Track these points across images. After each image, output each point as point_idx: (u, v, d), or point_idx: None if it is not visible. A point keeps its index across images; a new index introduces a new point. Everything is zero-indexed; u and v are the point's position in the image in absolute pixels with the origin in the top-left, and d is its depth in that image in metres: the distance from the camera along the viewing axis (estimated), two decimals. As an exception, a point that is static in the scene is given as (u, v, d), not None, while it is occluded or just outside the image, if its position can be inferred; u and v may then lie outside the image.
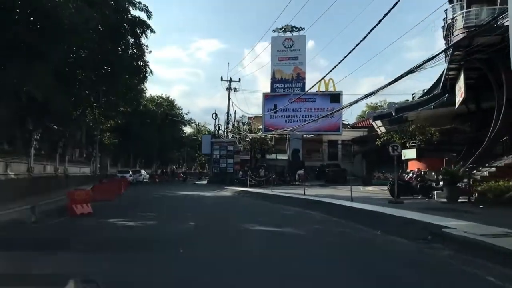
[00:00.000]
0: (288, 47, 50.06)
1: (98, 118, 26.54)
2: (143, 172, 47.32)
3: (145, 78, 23.44)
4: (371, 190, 26.46)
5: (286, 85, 47.56)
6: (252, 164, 46.96)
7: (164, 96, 56.39)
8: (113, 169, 47.95)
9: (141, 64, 22.20)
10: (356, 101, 26.60)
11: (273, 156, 48.54)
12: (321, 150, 49.14)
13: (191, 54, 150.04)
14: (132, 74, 22.34)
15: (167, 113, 48.49)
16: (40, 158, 25.31)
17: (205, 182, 47.91)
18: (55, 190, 21.98)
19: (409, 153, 31.25)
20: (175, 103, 57.71)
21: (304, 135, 47.31)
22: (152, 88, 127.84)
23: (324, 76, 45.58)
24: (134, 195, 25.39)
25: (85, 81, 21.39)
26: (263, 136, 46.92)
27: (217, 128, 46.68)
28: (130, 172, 39.66)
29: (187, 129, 78.38)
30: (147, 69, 22.44)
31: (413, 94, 34.41)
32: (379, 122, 31.97)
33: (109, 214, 14.14)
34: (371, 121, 34.59)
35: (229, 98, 45.55)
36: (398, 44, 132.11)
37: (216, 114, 46.34)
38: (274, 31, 47.94)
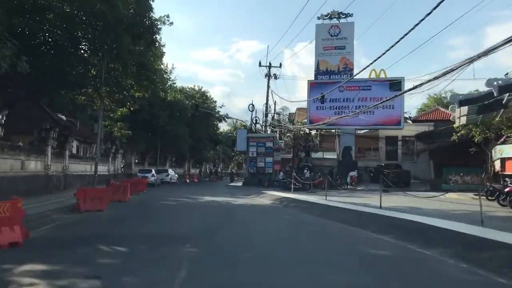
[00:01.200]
0: (334, 35, 43.69)
1: (102, 101, 20.73)
2: (170, 171, 41.81)
3: (153, 42, 17.49)
4: (458, 198, 19.34)
5: (332, 77, 41.17)
6: (295, 163, 40.26)
7: (196, 87, 50.94)
8: (139, 168, 42.80)
9: (147, 22, 16.23)
10: (421, 84, 19.64)
11: (319, 154, 41.59)
12: (376, 148, 41.59)
13: (231, 55, 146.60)
14: (134, 35, 16.41)
15: (197, 104, 42.67)
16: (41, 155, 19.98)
17: (240, 183, 41.73)
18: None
19: (509, 150, 23.82)
20: (208, 95, 52.02)
21: (357, 130, 40.02)
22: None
23: (375, 60, 38.33)
24: (143, 200, 19.54)
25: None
26: (307, 131, 40.10)
27: (254, 121, 40.37)
28: (153, 172, 34.11)
29: (224, 127, 72.83)
30: (156, 29, 16.43)
31: (506, 73, 26.42)
32: (464, 109, 24.26)
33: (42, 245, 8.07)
34: (452, 109, 26.84)
35: (268, 86, 39.13)
36: (442, 42, 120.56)
37: (253, 105, 40.15)
38: (318, 18, 41.79)
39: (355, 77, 37.36)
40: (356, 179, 35.21)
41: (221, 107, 52.53)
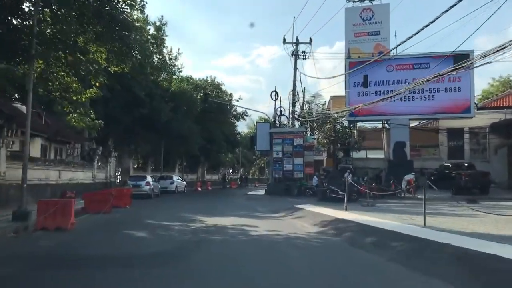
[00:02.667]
0: (366, 19, 37.06)
1: (32, 63, 12.59)
2: (176, 178, 33.93)
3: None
4: None
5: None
6: (329, 166, 31.86)
7: (208, 78, 43.08)
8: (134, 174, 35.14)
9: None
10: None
11: (360, 154, 32.96)
12: (435, 145, 32.70)
13: (252, 61, 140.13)
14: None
15: (206, 92, 34.66)
16: None
17: (262, 191, 33.49)
18: None
19: None
20: (223, 88, 44.11)
21: (412, 121, 31.26)
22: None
23: (420, 30, 29.89)
24: (97, 226, 11.62)
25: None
26: (345, 124, 31.64)
27: (278, 113, 32.09)
28: (149, 179, 26.22)
29: (242, 127, 64.77)
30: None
31: None
32: None
33: None
34: None
35: (295, 68, 30.82)
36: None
37: (276, 92, 31.84)
38: (348, 0, 34.86)
39: (408, 53, 28.91)
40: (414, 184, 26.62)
41: (238, 101, 44.52)
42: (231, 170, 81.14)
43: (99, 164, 31.03)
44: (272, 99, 31.40)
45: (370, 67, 30.15)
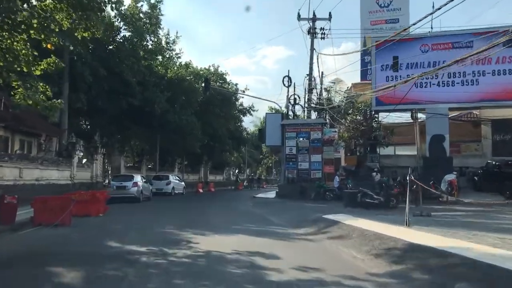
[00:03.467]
0: (384, 6, 35.03)
1: None
2: (173, 178, 29.32)
3: None
4: None
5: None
6: (353, 163, 27.18)
7: (211, 67, 38.32)
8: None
9: None
10: None
11: (388, 150, 28.11)
12: (477, 139, 27.88)
13: (257, 62, 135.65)
14: None
15: (207, 77, 29.98)
16: None
17: (272, 194, 28.85)
18: None
19: None
20: (228, 78, 39.39)
21: (452, 109, 26.40)
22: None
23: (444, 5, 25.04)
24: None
25: None
26: (369, 115, 26.91)
27: (292, 101, 27.36)
28: (137, 179, 21.57)
29: (249, 126, 60.06)
30: None
31: None
32: None
33: None
34: None
35: (312, 49, 26.02)
36: None
37: (289, 78, 27.05)
38: None
39: (448, 30, 24.25)
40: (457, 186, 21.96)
41: (244, 91, 39.56)
42: (236, 170, 76.55)
43: (84, 162, 26.61)
44: (284, 85, 26.78)
45: (401, 46, 25.57)
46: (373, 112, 26.79)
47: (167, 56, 31.91)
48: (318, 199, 23.15)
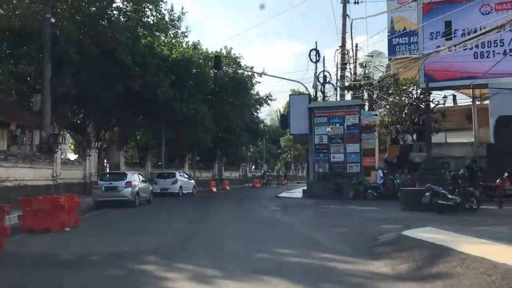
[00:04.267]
0: None
1: None
2: (180, 175, 24.87)
3: None
4: None
5: (412, 38, 26.85)
6: (397, 153, 22.34)
7: (224, 50, 33.71)
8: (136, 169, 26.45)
9: None
10: None
11: (438, 137, 23.12)
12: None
13: (270, 56, 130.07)
14: None
15: (217, 55, 25.25)
16: None
17: (297, 192, 24.28)
18: None
19: None
20: (242, 63, 34.72)
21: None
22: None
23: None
24: None
25: None
26: (416, 95, 21.97)
27: (322, 80, 22.57)
28: (132, 177, 17.08)
29: (265, 119, 55.32)
30: None
31: None
32: None
33: None
34: None
35: (344, 16, 21.19)
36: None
37: (317, 51, 22.15)
38: None
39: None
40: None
41: (261, 75, 34.48)
42: (253, 167, 72.10)
43: (76, 158, 22.49)
44: (311, 61, 22.01)
45: (455, 8, 20.65)
46: (419, 92, 21.85)
47: (171, 34, 27.46)
48: (358, 199, 18.68)
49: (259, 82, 34.56)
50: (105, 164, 27.01)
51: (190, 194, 25.78)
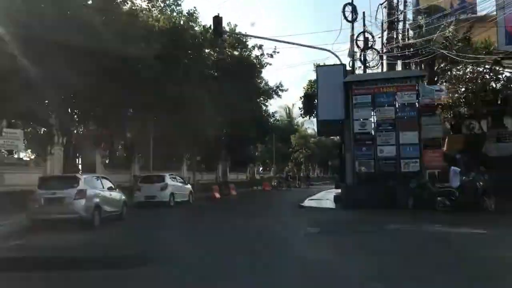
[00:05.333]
0: None
1: None
2: (170, 179, 18.81)
3: None
4: None
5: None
6: (461, 146, 16.34)
7: (227, 27, 27.59)
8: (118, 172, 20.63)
9: None
10: None
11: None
12: None
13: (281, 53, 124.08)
14: None
15: (216, 16, 18.99)
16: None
17: (327, 202, 18.31)
18: None
19: None
20: (248, 44, 28.57)
21: None
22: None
23: None
24: None
25: None
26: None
27: (362, 45, 16.57)
28: (90, 186, 11.34)
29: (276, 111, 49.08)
30: None
31: None
32: None
33: None
34: None
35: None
36: None
37: (354, 8, 15.98)
38: None
39: None
40: None
41: (272, 56, 28.16)
42: (261, 168, 65.92)
43: (32, 158, 16.80)
44: (346, 19, 15.99)
45: None
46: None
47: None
48: (421, 208, 12.91)
49: (270, 64, 28.47)
50: (78, 165, 21.28)
51: (186, 202, 19.92)
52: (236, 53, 28.13)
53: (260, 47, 27.32)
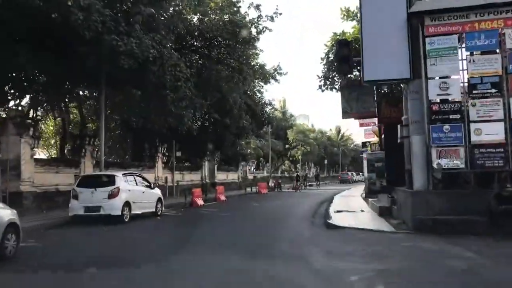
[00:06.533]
0: None
1: None
2: (124, 181, 12.15)
3: None
4: None
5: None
6: None
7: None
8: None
9: None
10: None
11: None
12: None
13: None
14: None
15: None
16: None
17: (365, 213, 11.99)
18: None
19: None
20: (242, 8, 21.97)
21: None
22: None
23: None
24: None
25: None
26: None
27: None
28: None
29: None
30: None
31: None
32: None
33: None
34: None
35: None
36: None
37: None
38: None
39: None
40: None
41: (273, 18, 21.32)
42: (253, 167, 59.29)
43: None
44: None
45: None
46: None
47: None
48: None
49: (270, 30, 21.90)
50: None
51: (150, 215, 13.36)
52: (226, 17, 21.62)
53: (257, 7, 20.78)
